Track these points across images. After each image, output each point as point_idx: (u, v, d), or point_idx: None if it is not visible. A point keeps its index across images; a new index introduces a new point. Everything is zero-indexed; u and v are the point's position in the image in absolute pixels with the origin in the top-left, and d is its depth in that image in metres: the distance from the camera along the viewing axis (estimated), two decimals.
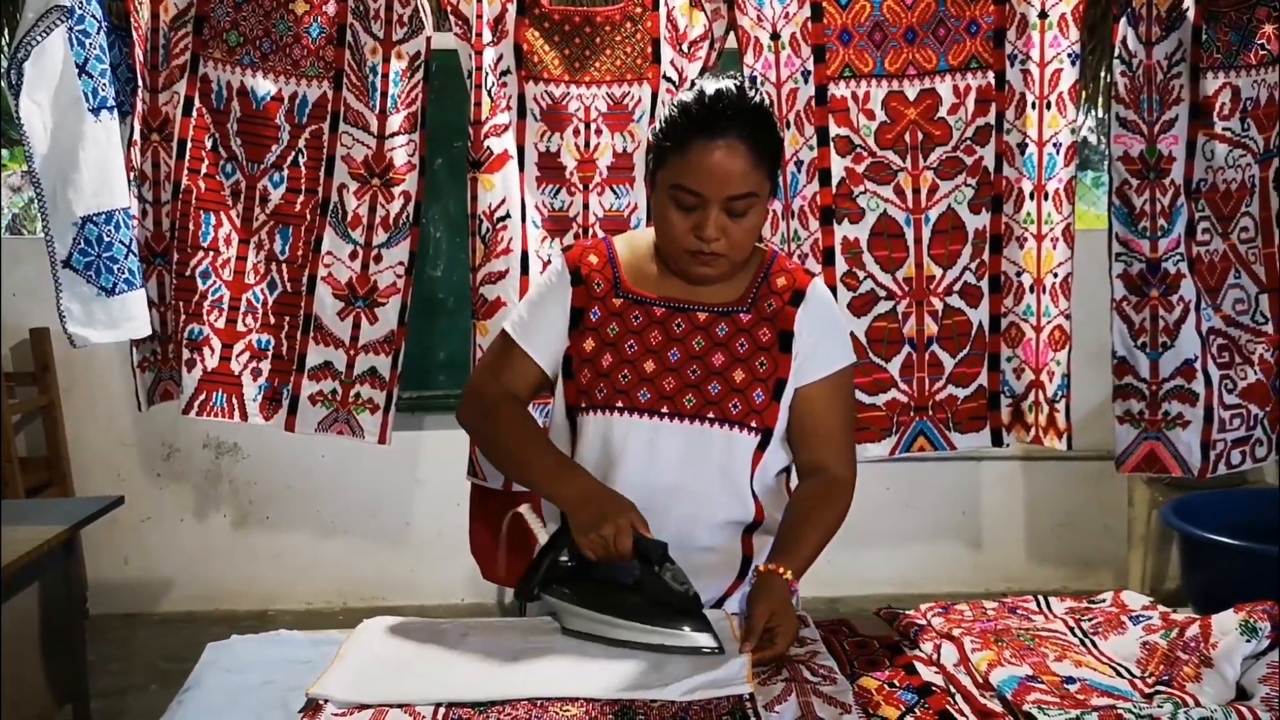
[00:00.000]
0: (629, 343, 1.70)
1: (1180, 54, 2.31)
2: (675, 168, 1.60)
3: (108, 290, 2.24)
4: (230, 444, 4.16)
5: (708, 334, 1.69)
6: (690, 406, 1.67)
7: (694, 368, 1.68)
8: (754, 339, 1.70)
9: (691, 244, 1.63)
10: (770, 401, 1.69)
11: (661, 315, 1.70)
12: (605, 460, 1.70)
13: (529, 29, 2.38)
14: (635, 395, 1.68)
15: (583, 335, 1.71)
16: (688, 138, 1.59)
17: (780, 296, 1.72)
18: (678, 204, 1.62)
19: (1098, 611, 1.69)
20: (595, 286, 1.73)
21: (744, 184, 1.60)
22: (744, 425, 1.68)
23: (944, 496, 4.34)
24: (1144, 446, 2.38)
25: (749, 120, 1.59)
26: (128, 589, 4.18)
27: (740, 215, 1.62)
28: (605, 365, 1.69)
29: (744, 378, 1.68)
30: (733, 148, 1.58)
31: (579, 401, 1.71)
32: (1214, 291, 2.37)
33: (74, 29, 2.17)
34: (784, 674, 1.50)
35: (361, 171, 2.41)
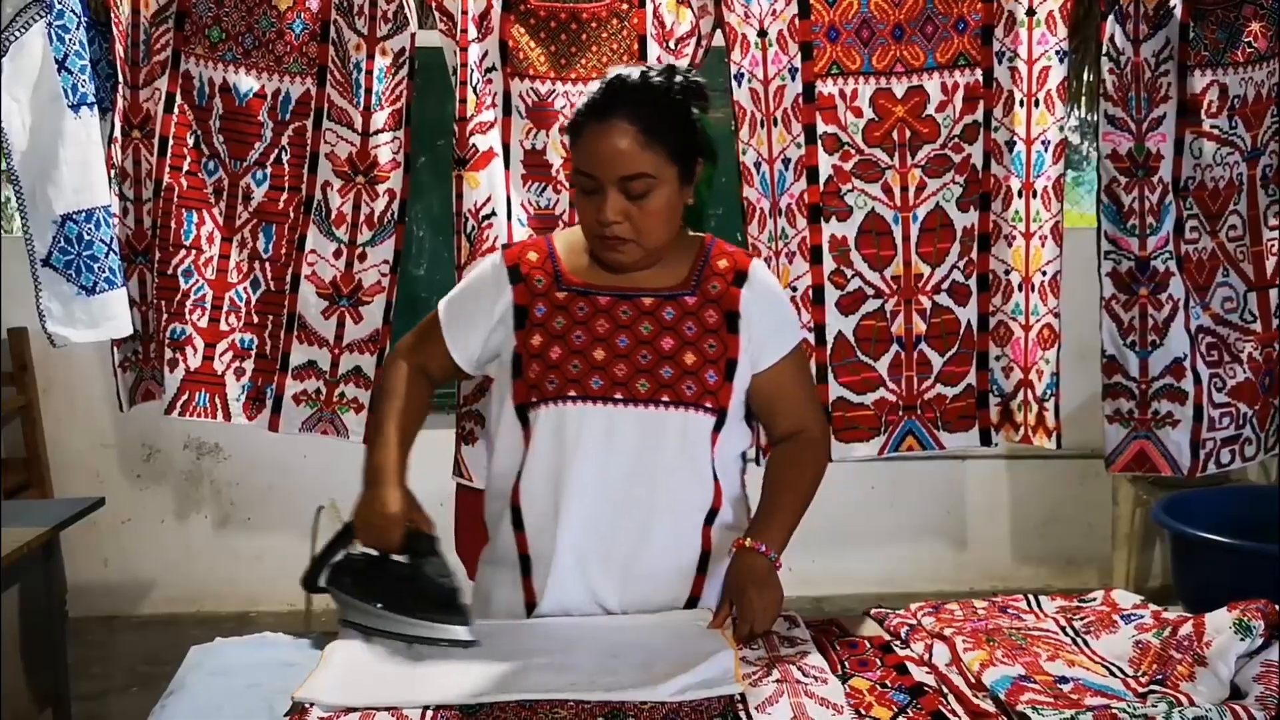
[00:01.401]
0: (576, 333, 1.71)
1: (1168, 52, 2.30)
2: (575, 154, 1.67)
3: (88, 289, 2.21)
4: (211, 444, 4.13)
5: (654, 318, 1.71)
6: (645, 391, 1.68)
7: (644, 353, 1.69)
8: (701, 321, 1.72)
9: (598, 228, 1.66)
10: (723, 382, 1.71)
11: (607, 304, 1.72)
12: (561, 450, 1.69)
13: (514, 25, 2.36)
14: (588, 384, 1.68)
15: (529, 332, 1.72)
16: (583, 124, 1.65)
17: (723, 278, 1.74)
18: (582, 189, 1.67)
19: (1089, 610, 1.69)
20: (536, 283, 1.74)
21: (635, 165, 1.62)
22: (699, 406, 1.69)
23: (929, 495, 4.35)
24: (1134, 446, 2.38)
25: (641, 102, 1.63)
26: (108, 591, 4.14)
27: (639, 197, 1.64)
28: (555, 358, 1.70)
29: (695, 360, 1.70)
30: (621, 129, 1.62)
31: (530, 397, 1.71)
32: (1203, 290, 2.37)
33: (53, 24, 2.13)
34: (775, 675, 1.49)
35: (345, 169, 2.39)
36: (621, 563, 1.70)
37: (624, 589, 1.70)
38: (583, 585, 1.70)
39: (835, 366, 2.42)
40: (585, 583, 1.70)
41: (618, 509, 1.69)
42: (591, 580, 1.70)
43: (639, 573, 1.70)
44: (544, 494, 1.71)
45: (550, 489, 1.70)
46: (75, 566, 3.88)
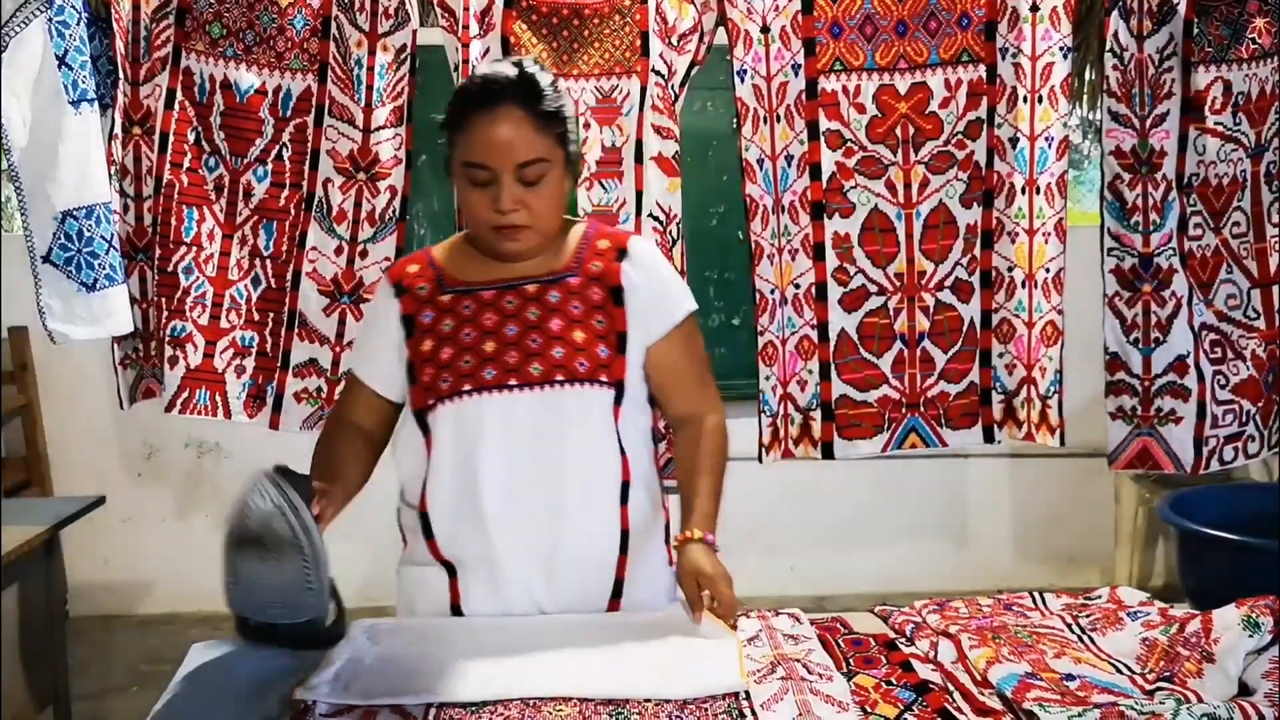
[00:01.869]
0: (465, 331, 1.71)
1: (1172, 48, 2.30)
2: (463, 147, 1.65)
3: (89, 286, 2.20)
4: (212, 443, 4.12)
5: (540, 303, 1.71)
6: (539, 374, 1.68)
7: (534, 337, 1.69)
8: (586, 299, 1.72)
9: (494, 219, 1.66)
10: (616, 355, 1.71)
11: (491, 297, 1.73)
12: (465, 445, 1.69)
13: (516, 21, 2.36)
14: (481, 375, 1.68)
15: (419, 339, 1.72)
16: (469, 115, 1.64)
17: (604, 256, 1.75)
18: (473, 182, 1.65)
19: (1095, 608, 1.68)
20: (419, 291, 1.75)
21: (529, 150, 1.63)
22: (595, 381, 1.69)
23: (930, 494, 4.34)
24: (1136, 443, 2.37)
25: (524, 90, 1.64)
26: (108, 590, 4.13)
27: (534, 183, 1.65)
28: (446, 358, 1.70)
29: (585, 336, 1.70)
30: (512, 115, 1.63)
31: (426, 399, 1.70)
32: (1206, 286, 2.37)
33: (53, 20, 2.13)
34: (780, 672, 1.48)
35: (347, 166, 2.38)
36: (544, 552, 1.69)
37: (549, 578, 1.70)
38: (506, 581, 1.69)
39: (838, 364, 2.42)
40: (508, 578, 1.69)
41: (530, 497, 1.68)
42: (515, 574, 1.69)
43: (561, 560, 1.70)
44: (453, 495, 1.70)
45: (458, 488, 1.69)
46: (75, 565, 3.86)
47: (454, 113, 1.67)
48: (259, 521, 1.50)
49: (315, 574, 1.51)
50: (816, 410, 2.44)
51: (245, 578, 1.51)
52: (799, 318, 2.43)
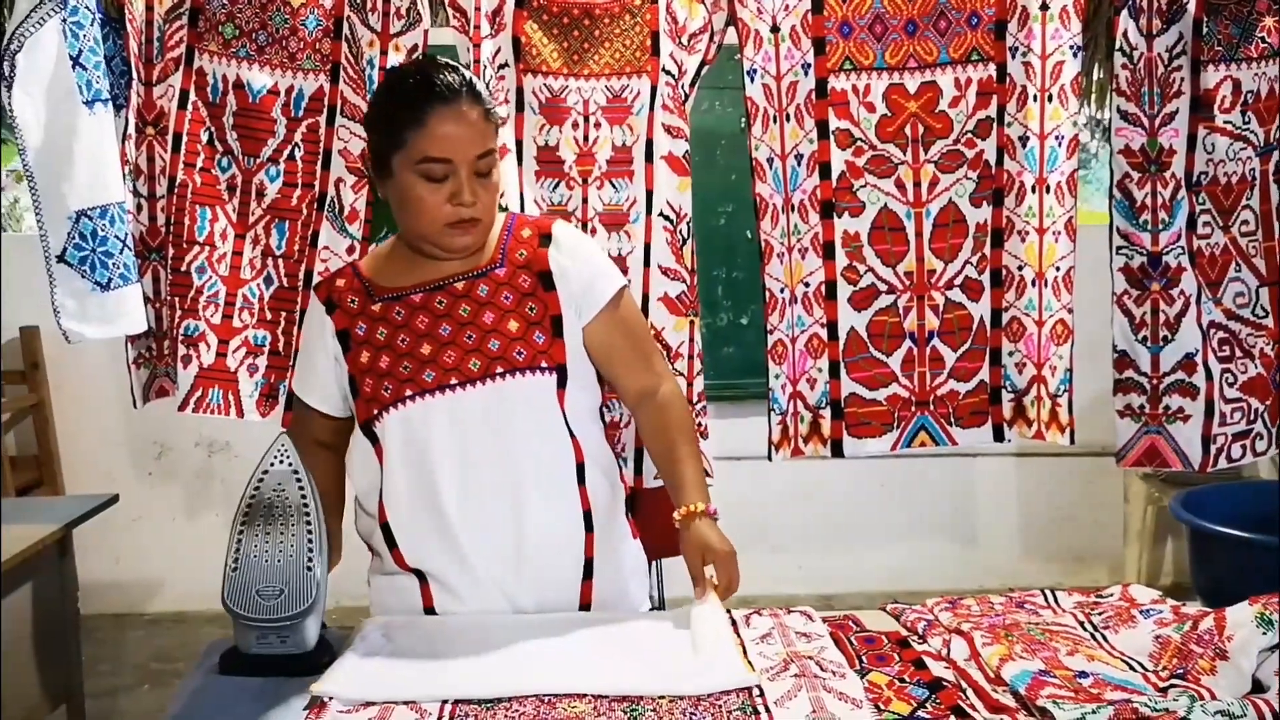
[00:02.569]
0: (400, 338, 1.73)
1: (1181, 47, 2.30)
2: (418, 142, 1.66)
3: (103, 285, 2.21)
4: (222, 443, 4.14)
5: (470, 298, 1.73)
6: (478, 369, 1.70)
7: (468, 333, 1.71)
8: (515, 288, 1.75)
9: (449, 215, 1.69)
10: (552, 339, 1.73)
11: (420, 300, 1.74)
12: (415, 450, 1.71)
13: (527, 21, 2.36)
14: (422, 379, 1.70)
15: (357, 352, 1.74)
16: (426, 110, 1.66)
17: (528, 243, 1.79)
18: (428, 177, 1.67)
19: (1107, 606, 1.68)
20: (350, 304, 1.78)
21: (485, 142, 1.69)
22: (534, 368, 1.71)
23: (938, 493, 4.35)
24: (1145, 441, 2.38)
25: (469, 86, 1.70)
26: (118, 589, 4.15)
27: (486, 175, 1.70)
28: (385, 366, 1.72)
29: (519, 325, 1.72)
30: (470, 109, 1.67)
31: (371, 411, 1.72)
32: (1215, 285, 2.37)
33: (67, 21, 2.13)
34: (793, 670, 1.49)
35: (359, 165, 2.39)
36: (510, 545, 1.71)
37: (519, 569, 1.71)
38: (477, 580, 1.71)
39: (848, 362, 2.42)
40: (478, 576, 1.71)
41: (487, 493, 1.70)
42: (485, 572, 1.71)
43: (529, 550, 1.72)
44: (410, 502, 1.72)
45: (415, 494, 1.71)
46: (86, 564, 3.87)
47: (404, 109, 1.67)
48: (273, 484, 1.55)
49: (317, 552, 1.54)
50: (826, 408, 2.44)
51: (246, 559, 1.53)
52: (808, 316, 2.44)
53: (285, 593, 1.53)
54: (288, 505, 1.56)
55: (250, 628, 1.54)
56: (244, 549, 1.54)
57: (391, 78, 1.77)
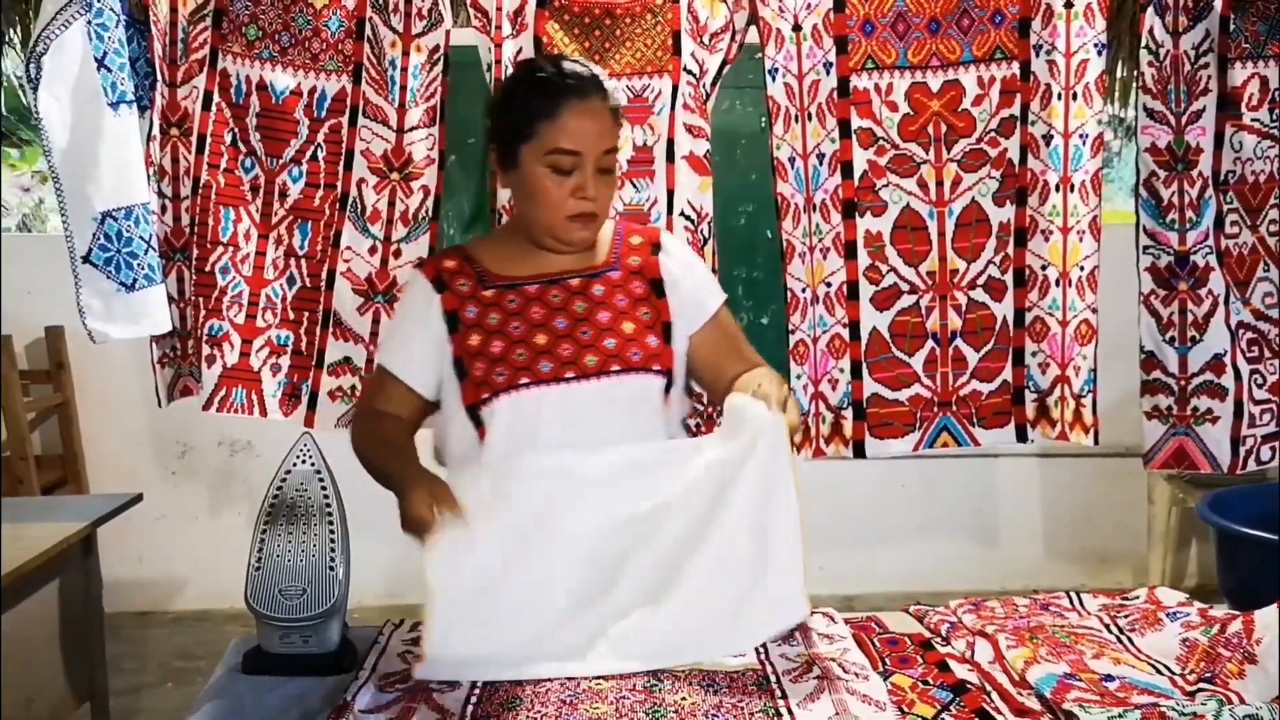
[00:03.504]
0: (513, 325, 1.74)
1: (1208, 44, 2.28)
2: (550, 134, 1.69)
3: (128, 286, 2.23)
4: (244, 442, 4.15)
5: (585, 296, 1.76)
6: (594, 365, 1.72)
7: (583, 329, 1.73)
8: (629, 292, 1.77)
9: (573, 207, 1.71)
10: (664, 344, 1.76)
11: (535, 292, 1.76)
12: (525, 436, 1.70)
13: (549, 21, 2.36)
14: (537, 368, 1.71)
15: (465, 334, 1.74)
16: (560, 103, 1.69)
17: (640, 251, 1.82)
18: (556, 169, 1.70)
19: (1133, 608, 1.67)
20: (461, 287, 1.77)
21: (612, 139, 1.73)
22: (647, 369, 1.73)
23: (960, 493, 4.32)
24: (1173, 443, 2.36)
25: (600, 85, 1.73)
26: (142, 587, 4.17)
27: (609, 171, 1.74)
28: (498, 351, 1.72)
29: (634, 327, 1.74)
30: (599, 105, 1.71)
31: (480, 394, 1.71)
32: (1243, 285, 2.34)
33: (92, 23, 2.15)
34: (816, 671, 1.48)
35: (380, 166, 2.40)
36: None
37: None
38: None
39: (870, 362, 2.41)
40: None
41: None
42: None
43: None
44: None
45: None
46: (110, 562, 3.89)
47: (538, 102, 1.70)
48: (296, 484, 1.57)
49: (340, 552, 1.55)
50: (848, 409, 2.43)
51: (269, 558, 1.55)
52: (830, 316, 2.43)
53: (308, 592, 1.54)
54: (310, 505, 1.56)
55: (273, 627, 1.55)
56: (267, 549, 1.55)
57: (523, 70, 1.80)
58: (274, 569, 1.54)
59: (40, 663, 2.48)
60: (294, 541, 1.55)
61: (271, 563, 1.54)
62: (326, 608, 1.53)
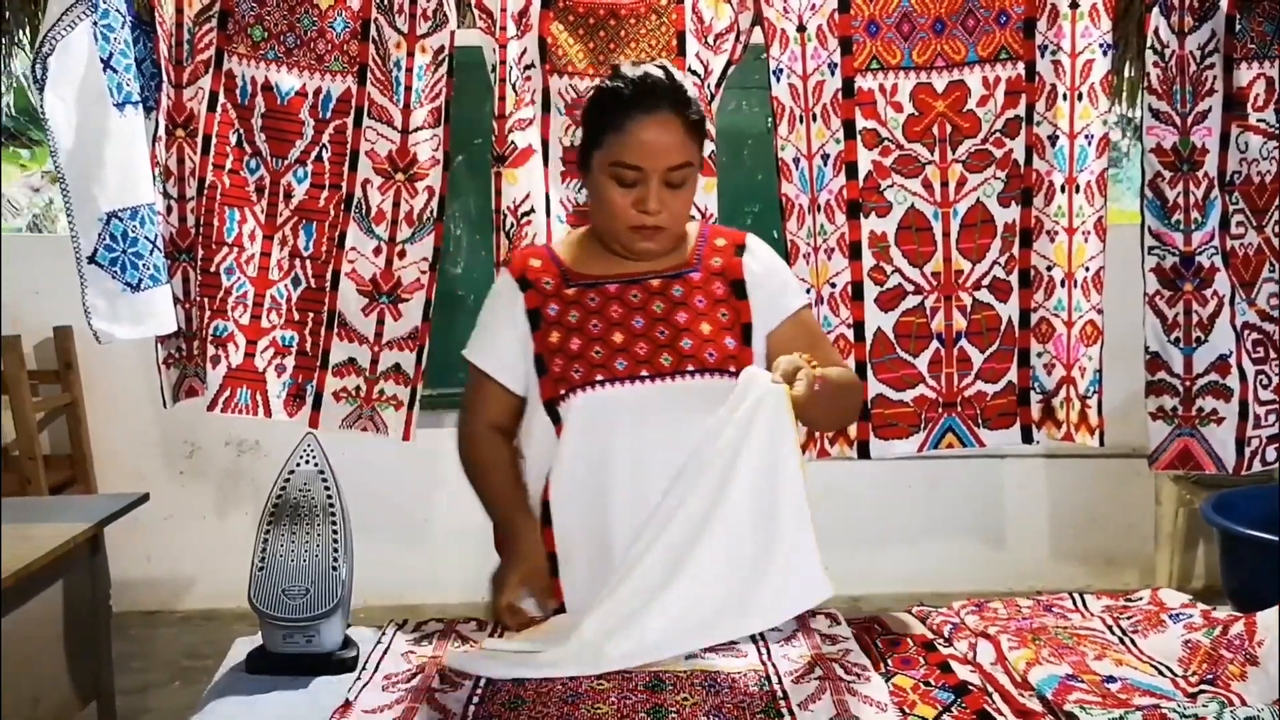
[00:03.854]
0: (592, 323, 1.74)
1: (1213, 44, 2.27)
2: (614, 146, 1.68)
3: (133, 286, 2.23)
4: (252, 442, 4.16)
5: (664, 297, 1.76)
6: (669, 364, 1.72)
7: (661, 329, 1.73)
8: (709, 293, 1.77)
9: (634, 219, 1.70)
10: (742, 346, 1.75)
11: (616, 291, 1.77)
12: (596, 435, 1.71)
13: (553, 22, 2.37)
14: (613, 366, 1.72)
15: (546, 331, 1.75)
16: (625, 116, 1.68)
17: (723, 252, 1.81)
18: (619, 181, 1.69)
19: (1136, 610, 1.66)
20: (544, 285, 1.79)
21: (680, 155, 1.69)
22: (723, 371, 1.72)
23: (966, 494, 4.31)
24: (1178, 443, 2.35)
25: (677, 97, 1.69)
26: (150, 586, 4.19)
27: (678, 186, 1.70)
28: (576, 348, 1.73)
29: (712, 329, 1.74)
30: (667, 120, 1.67)
31: (558, 390, 1.73)
32: (1249, 285, 2.34)
33: (98, 24, 2.16)
34: (818, 672, 1.48)
35: (385, 166, 2.40)
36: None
37: None
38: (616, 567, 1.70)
39: (874, 363, 2.41)
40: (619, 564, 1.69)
41: (654, 485, 1.67)
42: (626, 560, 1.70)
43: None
44: (579, 485, 1.72)
45: (586, 477, 1.71)
46: (118, 562, 3.90)
47: (607, 112, 1.70)
48: (300, 485, 1.58)
49: (342, 552, 1.55)
50: None
51: (272, 558, 1.55)
52: (835, 317, 2.43)
53: (311, 592, 1.54)
54: (314, 505, 1.57)
55: (276, 627, 1.55)
56: (270, 549, 1.56)
57: (607, 78, 1.78)
58: (277, 569, 1.55)
59: (47, 662, 2.49)
60: (297, 541, 1.55)
61: (275, 563, 1.55)
62: (329, 607, 1.54)
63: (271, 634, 1.57)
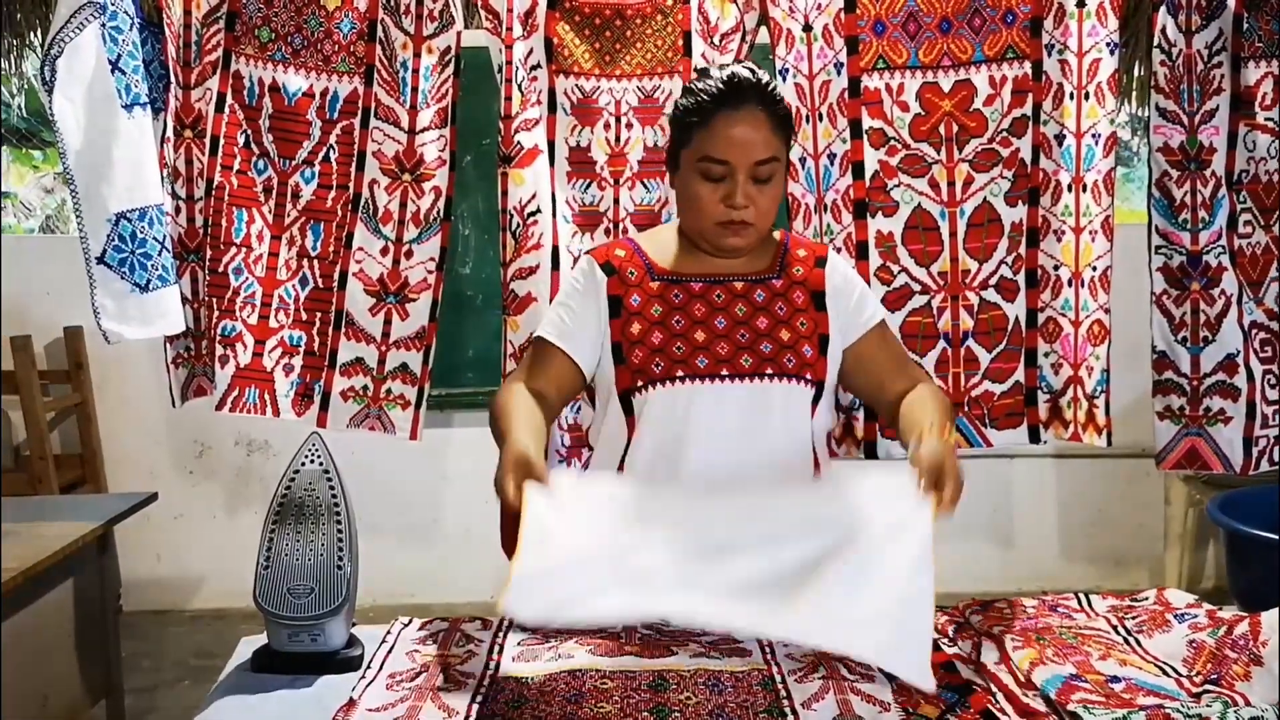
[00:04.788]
0: (675, 319, 1.77)
1: (1221, 43, 2.26)
2: (701, 141, 1.70)
3: (142, 286, 2.25)
4: (261, 442, 4.18)
5: (747, 300, 1.78)
6: (749, 366, 1.74)
7: (742, 331, 1.76)
8: (789, 301, 1.79)
9: (722, 214, 1.72)
10: (819, 355, 1.78)
11: (700, 289, 1.79)
12: (674, 428, 1.74)
13: (559, 22, 2.37)
14: (694, 363, 1.74)
15: (627, 321, 1.77)
16: (712, 112, 1.69)
17: (805, 263, 1.83)
18: (706, 176, 1.71)
19: (1141, 610, 1.66)
20: (629, 274, 1.80)
21: (766, 149, 1.70)
22: (800, 378, 1.75)
23: (975, 494, 4.21)
24: (1185, 443, 2.34)
25: (764, 93, 1.71)
26: (160, 586, 4.21)
27: (765, 181, 1.71)
28: (657, 342, 1.75)
29: (791, 336, 1.77)
30: (755, 116, 1.69)
31: (635, 381, 1.75)
32: (1256, 285, 2.33)
33: (106, 25, 2.17)
34: (821, 671, 1.48)
35: (392, 167, 2.41)
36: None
37: None
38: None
39: None
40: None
41: (729, 473, 1.72)
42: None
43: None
44: (649, 476, 1.73)
45: (659, 470, 1.73)
46: (129, 562, 3.95)
47: (694, 108, 1.71)
48: (304, 484, 1.58)
49: (347, 550, 1.56)
50: (859, 409, 2.43)
51: (277, 557, 1.56)
52: None
53: (316, 591, 1.55)
54: (318, 504, 1.58)
55: (281, 625, 1.56)
56: (275, 547, 1.56)
57: (694, 75, 1.80)
58: (282, 568, 1.55)
59: (56, 660, 2.51)
60: (302, 540, 1.56)
61: (280, 562, 1.56)
62: (334, 606, 1.54)
63: (276, 633, 1.57)
